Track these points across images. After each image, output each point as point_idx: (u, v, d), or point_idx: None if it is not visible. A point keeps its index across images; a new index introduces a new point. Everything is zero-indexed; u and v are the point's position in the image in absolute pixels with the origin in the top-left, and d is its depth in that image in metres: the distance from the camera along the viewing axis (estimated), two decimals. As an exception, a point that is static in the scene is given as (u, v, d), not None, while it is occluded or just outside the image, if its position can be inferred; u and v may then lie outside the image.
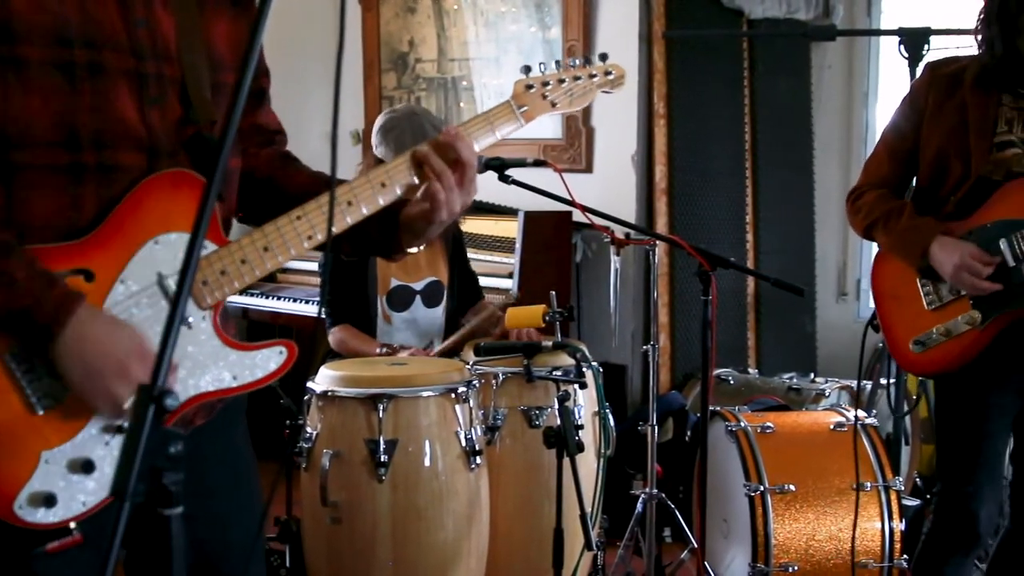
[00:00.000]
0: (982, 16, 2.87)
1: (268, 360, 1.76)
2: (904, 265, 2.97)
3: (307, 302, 5.20)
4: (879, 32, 5.96)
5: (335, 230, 1.77)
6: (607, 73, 2.00)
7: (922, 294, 2.95)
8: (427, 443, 2.98)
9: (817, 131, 5.91)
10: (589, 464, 3.33)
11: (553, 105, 1.95)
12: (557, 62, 1.96)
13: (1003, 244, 2.80)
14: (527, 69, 1.93)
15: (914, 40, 4.10)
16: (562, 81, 1.95)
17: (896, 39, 4.17)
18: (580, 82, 1.97)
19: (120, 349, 1.60)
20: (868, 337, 3.25)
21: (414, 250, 1.93)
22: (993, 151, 2.82)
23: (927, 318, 2.94)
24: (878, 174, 3.07)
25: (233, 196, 1.88)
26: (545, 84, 1.94)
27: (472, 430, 3.06)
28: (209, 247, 1.70)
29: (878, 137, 3.14)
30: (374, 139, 3.60)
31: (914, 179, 3.06)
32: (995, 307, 2.83)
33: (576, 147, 5.34)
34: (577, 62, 1.97)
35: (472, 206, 5.45)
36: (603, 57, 2.00)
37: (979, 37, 2.88)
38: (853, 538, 3.48)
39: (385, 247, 1.93)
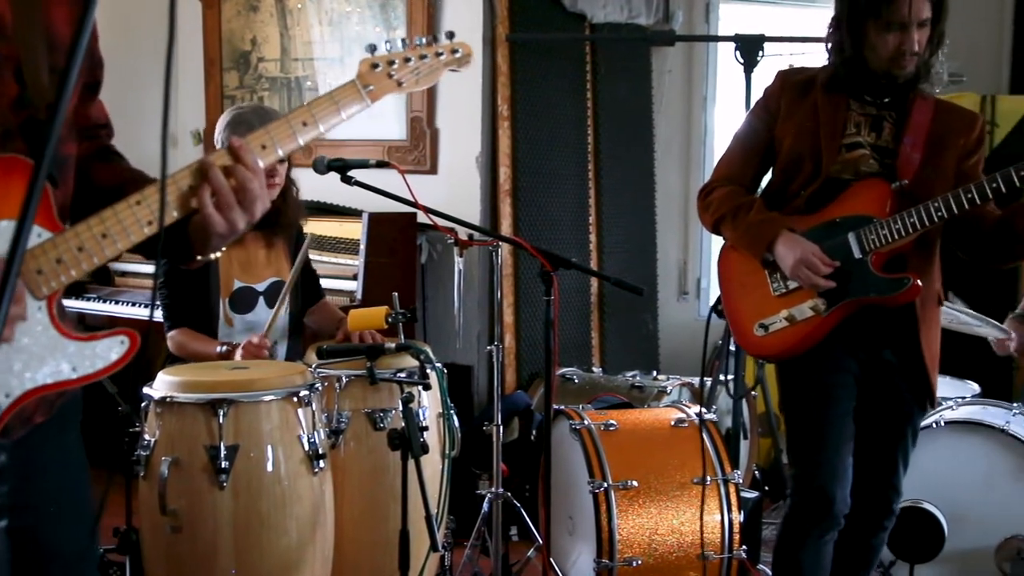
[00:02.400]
0: (832, 23, 2.97)
1: (109, 350, 1.70)
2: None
3: (145, 306, 5.08)
4: (716, 38, 6.12)
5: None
6: (454, 51, 1.95)
7: (769, 281, 3.04)
8: (269, 448, 2.94)
9: (658, 133, 6.04)
10: (434, 465, 3.33)
11: (399, 84, 1.89)
12: (403, 40, 1.90)
13: (851, 237, 2.90)
14: (372, 48, 1.88)
15: (749, 46, 4.24)
16: (408, 60, 1.90)
17: (732, 45, 4.29)
18: (426, 61, 1.92)
19: None
20: (708, 334, 3.32)
21: (213, 256, 1.86)
22: (842, 151, 2.94)
23: (773, 303, 3.03)
24: (729, 172, 3.14)
25: (70, 183, 1.81)
26: (391, 63, 1.88)
27: (315, 434, 3.02)
28: (44, 235, 1.63)
29: (717, 139, 3.26)
30: (220, 133, 3.51)
31: (765, 178, 3.16)
32: (840, 295, 2.93)
33: (421, 149, 5.33)
34: (423, 40, 1.92)
35: (316, 207, 5.39)
36: (449, 35, 1.95)
37: (829, 44, 2.98)
38: (702, 530, 3.56)
39: (180, 253, 1.87)
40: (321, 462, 3.01)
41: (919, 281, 2.88)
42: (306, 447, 2.98)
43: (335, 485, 3.15)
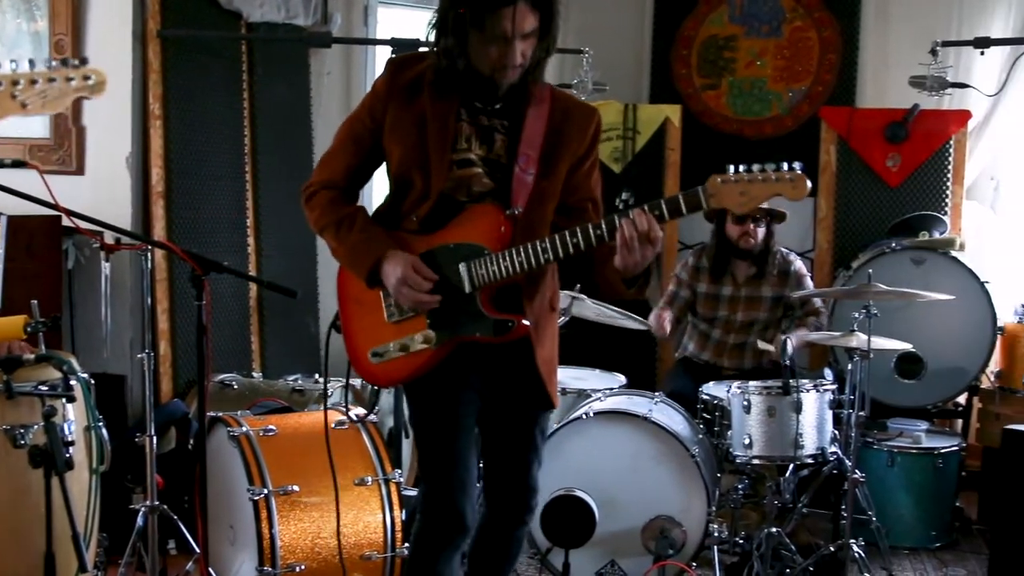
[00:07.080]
0: (435, 25, 2.80)
1: None
2: None
3: None
4: (373, 41, 6.18)
5: None
6: (86, 78, 1.90)
7: (383, 305, 2.91)
8: None
9: (317, 135, 6.01)
10: (82, 482, 3.19)
11: (24, 106, 1.84)
12: (31, 61, 1.84)
13: (463, 269, 2.80)
14: None
15: (405, 50, 4.32)
16: (34, 82, 1.84)
17: (389, 48, 4.36)
18: (55, 84, 1.86)
19: None
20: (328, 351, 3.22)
21: None
22: (454, 168, 2.81)
23: (387, 330, 2.91)
24: (332, 176, 2.96)
25: None
26: (15, 83, 1.82)
27: (-54, 455, 2.82)
28: None
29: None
30: None
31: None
32: (450, 331, 2.85)
33: (66, 148, 5.07)
34: (54, 63, 1.87)
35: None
36: (83, 61, 1.90)
37: (435, 46, 2.81)
38: (363, 531, 3.57)
39: None
40: (-48, 485, 2.82)
41: (525, 321, 2.82)
42: (-65, 470, 2.78)
43: (-30, 509, 2.95)
